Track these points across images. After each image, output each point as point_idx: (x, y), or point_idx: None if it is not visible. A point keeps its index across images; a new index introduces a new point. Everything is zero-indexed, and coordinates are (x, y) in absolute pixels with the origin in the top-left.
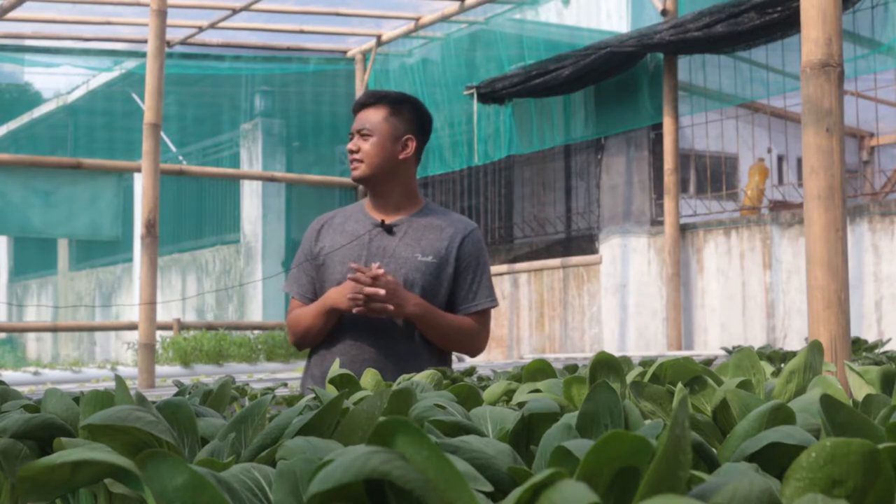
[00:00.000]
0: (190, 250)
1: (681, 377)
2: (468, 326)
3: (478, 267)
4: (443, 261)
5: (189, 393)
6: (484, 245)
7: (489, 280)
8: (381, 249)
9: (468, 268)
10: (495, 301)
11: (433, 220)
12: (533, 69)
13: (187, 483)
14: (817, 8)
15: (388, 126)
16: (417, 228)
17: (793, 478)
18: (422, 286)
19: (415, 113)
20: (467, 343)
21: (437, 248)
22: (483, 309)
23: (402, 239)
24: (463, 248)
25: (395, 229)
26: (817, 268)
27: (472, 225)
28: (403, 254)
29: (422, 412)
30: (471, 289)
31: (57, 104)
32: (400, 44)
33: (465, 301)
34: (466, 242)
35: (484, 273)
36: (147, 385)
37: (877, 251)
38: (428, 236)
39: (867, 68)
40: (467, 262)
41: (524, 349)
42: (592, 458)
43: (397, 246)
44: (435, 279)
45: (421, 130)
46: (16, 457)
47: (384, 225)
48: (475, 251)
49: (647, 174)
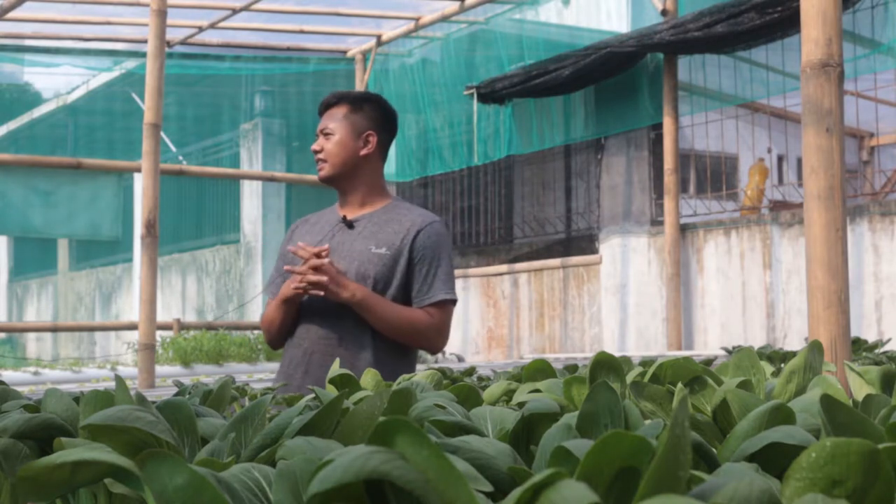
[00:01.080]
0: (190, 250)
1: (681, 377)
2: (418, 318)
3: (433, 259)
4: (396, 252)
5: (189, 393)
6: (445, 239)
7: (447, 273)
8: (340, 245)
9: (423, 259)
10: (452, 294)
11: (395, 215)
12: (533, 69)
13: (187, 483)
14: (817, 8)
15: (348, 123)
16: (377, 223)
17: (793, 478)
18: (374, 277)
19: (377, 110)
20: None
21: (392, 241)
22: (438, 301)
23: (360, 233)
24: (417, 240)
25: (356, 224)
26: (817, 268)
27: (432, 218)
28: (358, 247)
29: (422, 412)
30: (425, 281)
31: (57, 104)
32: (400, 44)
33: (419, 294)
34: (422, 235)
35: (440, 266)
36: (147, 385)
37: (877, 251)
38: (385, 230)
39: (867, 68)
40: (422, 254)
41: (524, 349)
42: (592, 458)
43: (355, 240)
44: (388, 270)
45: (383, 127)
46: (16, 457)
47: (345, 220)
48: (431, 244)
49: (647, 174)
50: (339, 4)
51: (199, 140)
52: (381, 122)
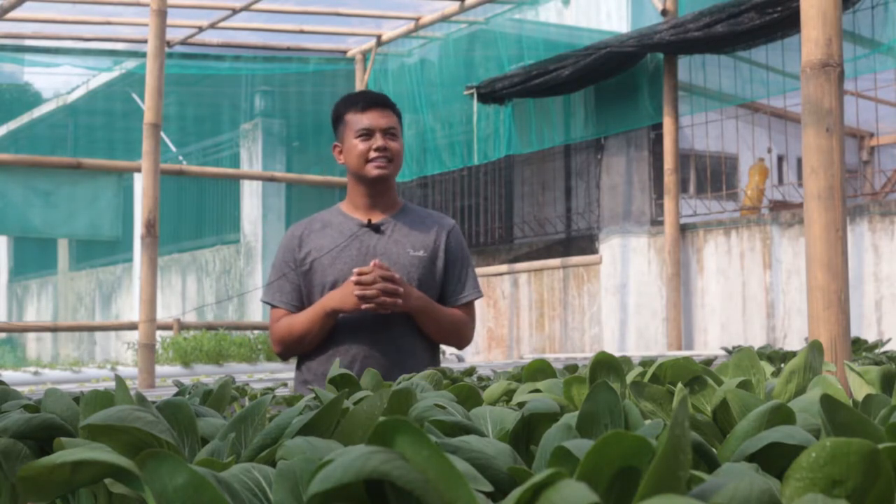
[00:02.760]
0: (190, 250)
1: (681, 377)
2: (460, 318)
3: (464, 260)
4: (433, 254)
5: (189, 393)
6: (464, 240)
7: (474, 272)
8: (371, 248)
9: (455, 261)
10: (481, 292)
11: (415, 217)
12: (533, 69)
13: (187, 483)
14: (817, 8)
15: (401, 129)
16: (403, 226)
17: (793, 478)
18: (417, 280)
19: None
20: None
21: (426, 243)
22: (471, 300)
23: (390, 237)
24: (449, 241)
25: (383, 228)
26: (817, 268)
27: (452, 220)
28: (395, 250)
29: (422, 412)
30: (459, 281)
31: (57, 104)
32: (400, 44)
33: (454, 293)
34: (451, 236)
35: (469, 265)
36: (147, 385)
37: (877, 251)
38: (414, 232)
39: (867, 68)
40: (454, 256)
41: (524, 349)
42: (592, 458)
43: (387, 244)
44: (428, 273)
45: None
46: (16, 457)
47: (371, 224)
48: (460, 245)
49: (647, 174)
50: (339, 4)
51: (199, 140)
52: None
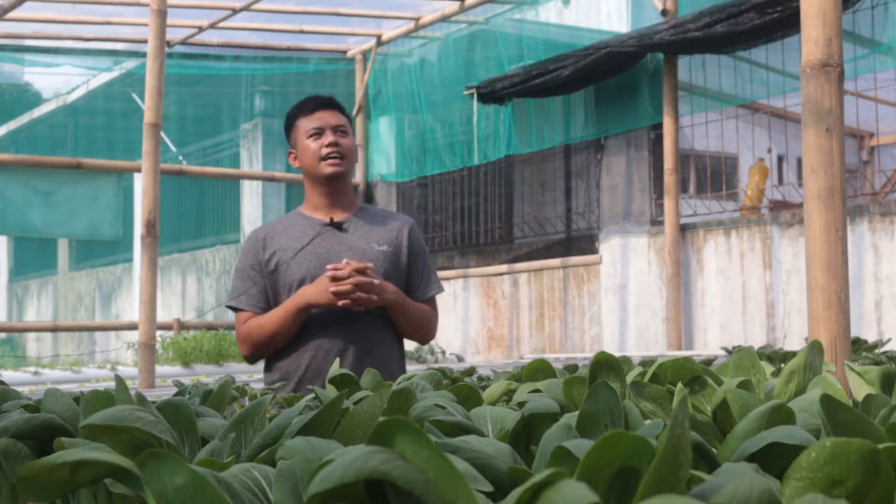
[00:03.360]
0: (190, 250)
1: (681, 377)
2: (427, 312)
3: (425, 255)
4: (396, 249)
5: (189, 393)
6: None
7: (434, 268)
8: (337, 245)
9: (418, 256)
10: (442, 287)
11: (375, 215)
12: (533, 69)
13: (187, 483)
14: (817, 8)
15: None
16: (364, 223)
17: (793, 478)
18: (383, 274)
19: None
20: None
21: (388, 239)
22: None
23: (353, 234)
24: (411, 237)
25: (345, 226)
26: (817, 268)
27: (410, 218)
28: (361, 246)
29: (422, 412)
30: (423, 276)
31: (57, 104)
32: (400, 44)
33: (419, 288)
34: (412, 233)
35: (429, 261)
36: (147, 385)
37: (877, 251)
38: (376, 229)
39: (867, 68)
40: (416, 251)
41: (524, 349)
42: (592, 458)
43: (352, 240)
44: (393, 267)
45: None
46: (16, 457)
47: (334, 223)
48: (419, 241)
49: (647, 174)
50: (339, 4)
51: (199, 140)
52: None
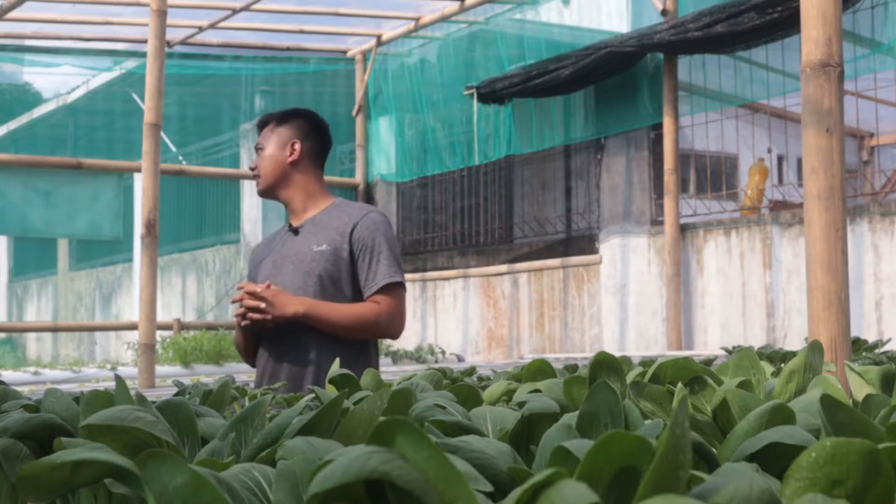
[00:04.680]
0: (190, 250)
1: (681, 377)
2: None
3: (373, 247)
4: (337, 247)
5: (189, 393)
6: (382, 226)
7: (389, 258)
8: (289, 251)
9: (363, 250)
10: (396, 277)
11: (335, 214)
12: (533, 69)
13: (187, 483)
14: (817, 8)
15: (275, 136)
16: (318, 224)
17: (793, 478)
18: (319, 275)
19: (301, 120)
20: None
21: (331, 237)
22: (384, 286)
23: (304, 237)
24: (355, 232)
25: (300, 230)
26: (817, 268)
27: (369, 209)
28: (301, 249)
29: (422, 412)
30: (370, 269)
31: (57, 104)
32: (400, 44)
33: (366, 284)
34: (358, 227)
35: (381, 252)
36: (147, 385)
37: (877, 251)
38: (326, 228)
39: (867, 68)
40: (362, 245)
41: (524, 349)
42: (592, 458)
43: (296, 244)
44: (332, 265)
45: (309, 135)
46: (16, 457)
47: (291, 228)
48: (369, 233)
49: (647, 174)
50: (339, 4)
51: (199, 140)
52: (307, 130)
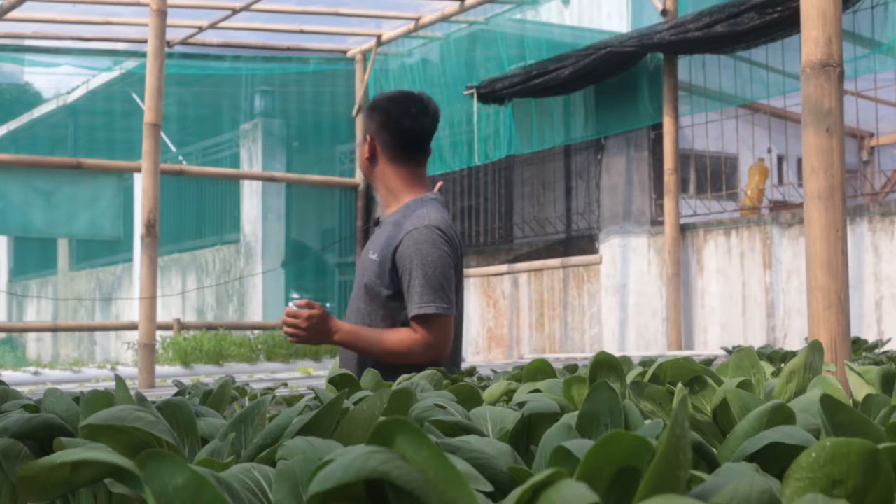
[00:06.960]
0: (190, 250)
1: (681, 377)
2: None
3: (411, 270)
4: (383, 259)
5: (189, 393)
6: (424, 246)
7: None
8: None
9: (404, 270)
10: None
11: (401, 217)
12: (533, 69)
13: (187, 483)
14: (817, 8)
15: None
16: (386, 226)
17: (793, 478)
18: (366, 284)
19: (375, 114)
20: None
21: (384, 246)
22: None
23: (375, 236)
24: (399, 249)
25: (378, 227)
26: (817, 268)
27: (419, 223)
28: (367, 250)
29: (422, 412)
30: (409, 294)
31: (57, 104)
32: (400, 44)
33: (408, 305)
34: (403, 243)
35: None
36: (147, 385)
37: (877, 251)
38: (385, 234)
39: (867, 68)
40: (402, 264)
41: (524, 349)
42: (592, 458)
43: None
44: (377, 277)
45: (382, 128)
46: (16, 457)
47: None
48: (409, 253)
49: (647, 174)
50: (339, 4)
51: (199, 140)
52: (380, 123)
